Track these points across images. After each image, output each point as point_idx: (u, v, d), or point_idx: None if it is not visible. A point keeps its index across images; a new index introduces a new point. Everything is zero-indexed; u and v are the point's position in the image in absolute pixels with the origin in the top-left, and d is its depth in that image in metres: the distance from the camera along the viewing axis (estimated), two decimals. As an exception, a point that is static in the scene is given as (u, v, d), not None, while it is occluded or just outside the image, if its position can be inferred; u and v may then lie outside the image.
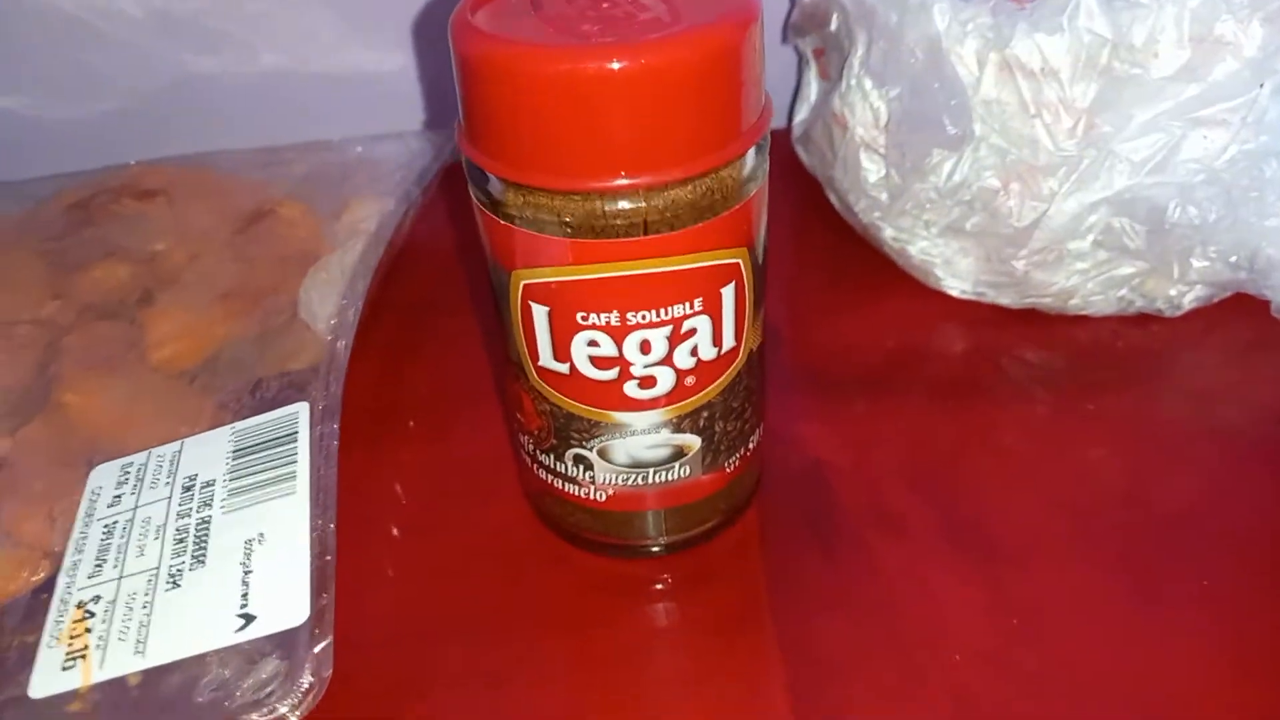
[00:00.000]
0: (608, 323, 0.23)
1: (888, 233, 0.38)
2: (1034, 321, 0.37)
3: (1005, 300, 0.37)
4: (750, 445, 0.28)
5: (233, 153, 0.46)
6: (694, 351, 0.25)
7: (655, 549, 0.29)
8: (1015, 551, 0.29)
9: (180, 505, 0.26)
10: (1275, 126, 0.32)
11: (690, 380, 0.25)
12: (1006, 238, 0.34)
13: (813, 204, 0.43)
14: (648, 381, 0.25)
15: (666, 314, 0.23)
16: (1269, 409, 0.33)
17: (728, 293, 0.24)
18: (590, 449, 0.26)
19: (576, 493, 0.27)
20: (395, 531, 0.31)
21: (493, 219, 0.23)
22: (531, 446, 0.28)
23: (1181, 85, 0.31)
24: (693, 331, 0.24)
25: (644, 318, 0.23)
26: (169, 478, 0.27)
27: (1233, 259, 0.33)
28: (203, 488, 0.26)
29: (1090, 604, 0.28)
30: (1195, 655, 0.26)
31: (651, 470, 0.26)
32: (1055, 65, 0.32)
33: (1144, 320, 0.37)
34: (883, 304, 0.39)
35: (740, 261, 0.24)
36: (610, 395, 0.25)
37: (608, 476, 0.27)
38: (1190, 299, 0.36)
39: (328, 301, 0.33)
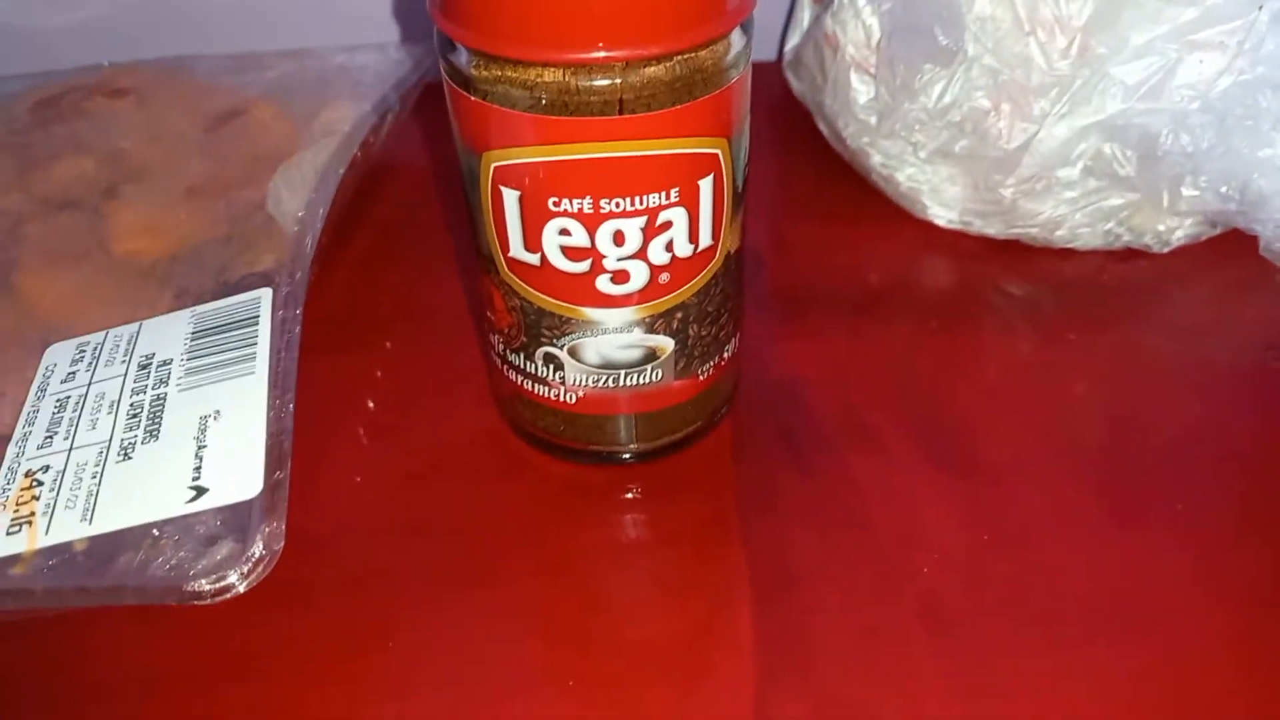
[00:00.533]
0: (580, 210, 0.23)
1: (876, 159, 0.37)
2: (1019, 253, 0.37)
3: (991, 230, 0.37)
4: (725, 354, 0.28)
5: (209, 57, 0.44)
6: (669, 247, 0.24)
7: (625, 456, 0.28)
8: (992, 470, 0.29)
9: (135, 382, 0.25)
10: (1273, 58, 0.31)
11: (664, 278, 0.24)
12: (995, 162, 0.34)
13: (802, 135, 0.42)
14: (620, 276, 0.24)
15: (641, 203, 0.23)
16: (1252, 346, 0.33)
17: (705, 185, 0.23)
18: (561, 347, 0.25)
19: (546, 394, 0.27)
20: (360, 432, 0.30)
21: (463, 95, 0.22)
22: (501, 346, 0.27)
23: (1179, 8, 0.31)
24: (668, 225, 0.23)
25: (618, 205, 0.23)
26: (125, 356, 0.26)
27: (1223, 189, 0.32)
28: (159, 366, 0.26)
29: (1064, 522, 0.27)
30: (1168, 574, 0.26)
31: (623, 372, 0.26)
32: (1053, -19, 0.31)
33: (1131, 255, 0.36)
34: (868, 233, 0.38)
35: (719, 153, 0.23)
36: (582, 290, 0.24)
37: (578, 377, 0.26)
38: (1179, 235, 0.35)
39: (297, 197, 0.32)
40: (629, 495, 0.28)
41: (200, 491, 0.22)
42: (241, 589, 0.21)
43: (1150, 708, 0.23)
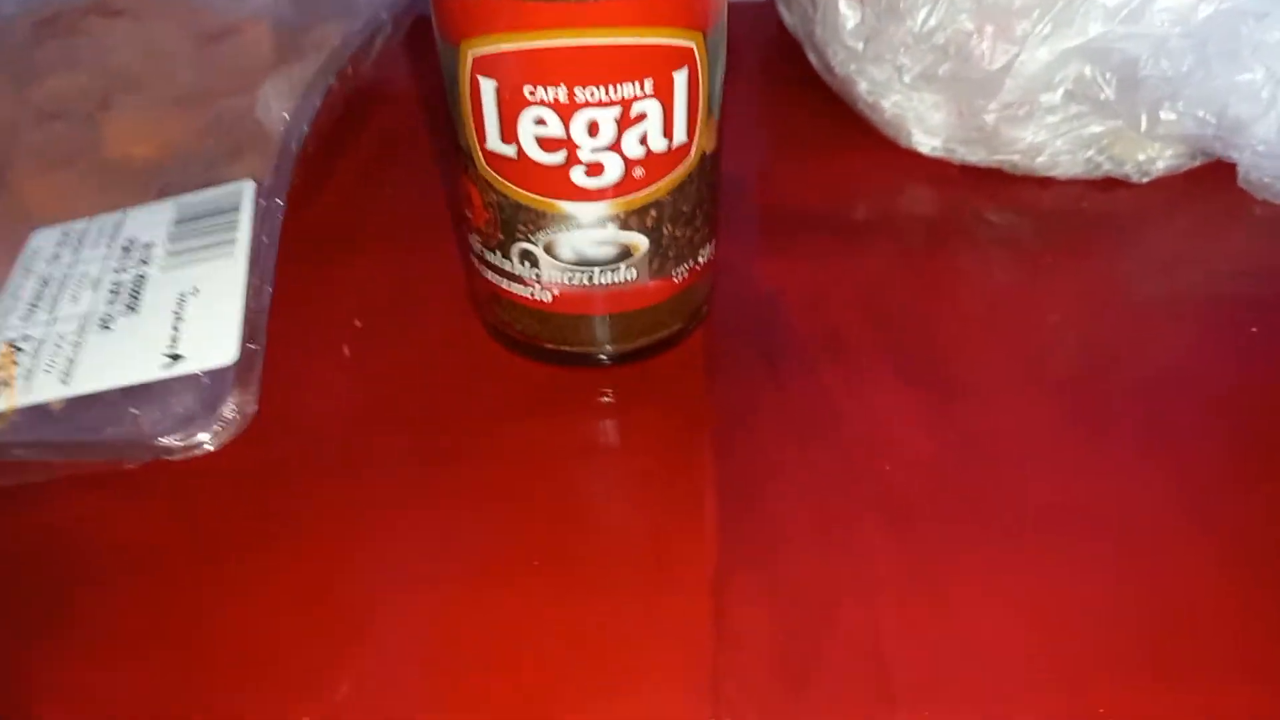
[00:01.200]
0: (555, 99, 0.23)
1: (862, 86, 0.38)
2: (1001, 181, 0.37)
3: (974, 158, 0.37)
4: (700, 259, 0.28)
5: (204, -20, 0.44)
6: (643, 140, 0.24)
7: (601, 356, 0.29)
8: (962, 385, 0.29)
9: (118, 262, 0.26)
10: (1256, -13, 0.31)
11: (639, 172, 0.25)
12: (978, 84, 0.34)
13: (793, 69, 0.43)
14: (595, 168, 0.24)
15: (615, 93, 0.23)
16: (1229, 277, 0.33)
17: (680, 78, 0.24)
18: (537, 243, 0.26)
19: (523, 293, 0.27)
20: (339, 332, 0.31)
21: None
22: (479, 246, 0.27)
23: (1164, -69, 0.31)
24: (642, 116, 0.24)
25: (592, 94, 0.23)
26: (109, 240, 0.27)
27: (1201, 114, 0.32)
28: (142, 248, 0.26)
29: (1030, 433, 0.28)
30: (1130, 485, 0.26)
31: (597, 269, 0.26)
32: (1038, -98, 0.31)
33: (1110, 185, 0.36)
34: (853, 160, 0.38)
35: (694, 46, 0.23)
36: (557, 182, 0.24)
37: (554, 274, 0.26)
38: (1159, 166, 0.36)
39: (284, 101, 0.32)
40: (604, 399, 0.29)
41: (176, 358, 0.23)
42: (211, 447, 0.21)
43: (1102, 601, 0.23)
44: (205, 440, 0.21)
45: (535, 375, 0.29)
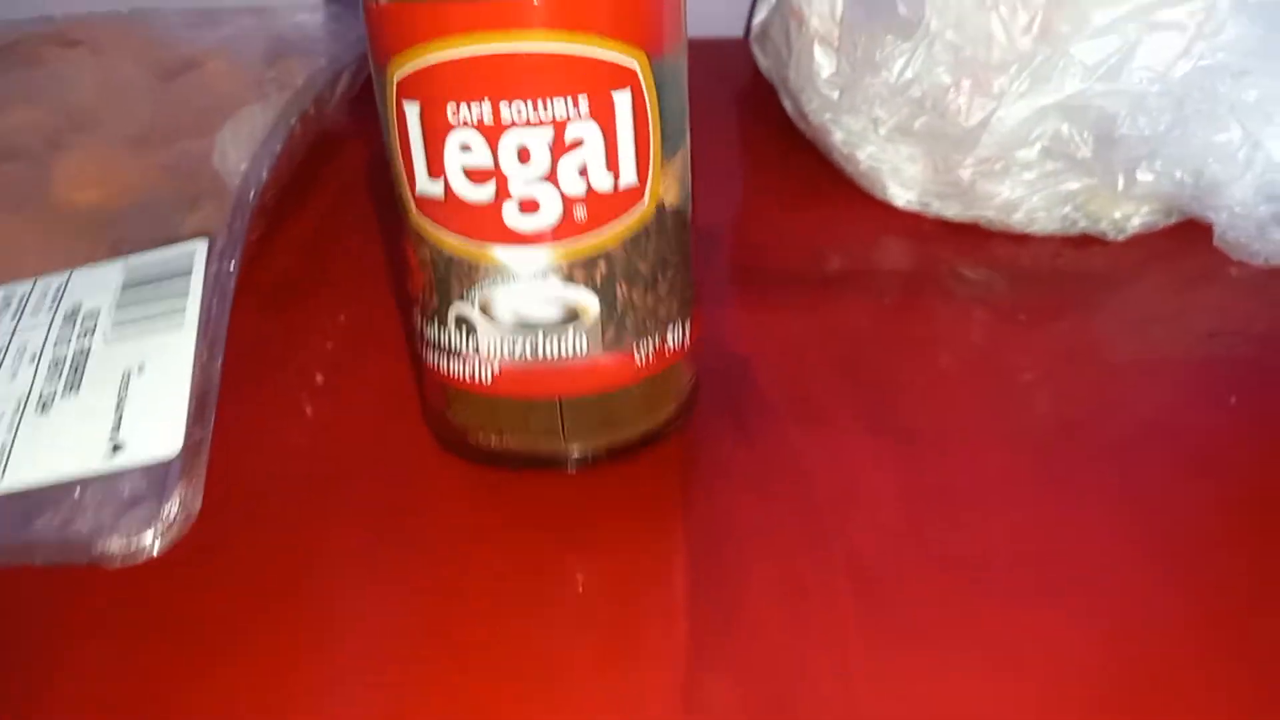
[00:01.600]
0: (480, 119, 0.21)
1: (837, 136, 0.37)
2: (976, 237, 0.36)
3: (950, 212, 0.36)
4: (669, 339, 0.25)
5: (165, 12, 0.44)
6: (583, 171, 0.22)
7: (561, 457, 0.26)
8: (933, 442, 0.28)
9: (60, 333, 0.25)
10: (1233, 45, 0.31)
11: (580, 213, 0.22)
12: (954, 140, 0.34)
13: (767, 112, 0.42)
14: (529, 204, 0.22)
15: (546, 109, 0.21)
16: (1202, 338, 0.33)
17: (622, 100, 0.22)
18: (472, 302, 0.24)
19: (462, 373, 0.25)
20: (290, 394, 0.30)
21: (367, 4, 0.22)
22: (419, 320, 0.25)
23: (1142, -11, 0.31)
24: (579, 143, 0.22)
25: (519, 113, 0.21)
26: (52, 305, 0.26)
27: (1178, 174, 0.32)
28: (86, 317, 0.25)
29: (1000, 492, 0.27)
30: (1099, 544, 0.25)
31: (541, 333, 0.24)
32: (1017, -42, 0.31)
33: (1086, 242, 0.36)
34: (828, 211, 0.38)
35: (637, 66, 0.22)
36: (488, 223, 0.22)
37: (493, 342, 0.24)
38: (1135, 223, 0.35)
39: (243, 151, 0.31)
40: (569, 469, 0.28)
41: (118, 448, 0.22)
42: (155, 552, 0.20)
43: (1076, 662, 0.23)
44: (147, 544, 0.20)
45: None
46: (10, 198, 0.32)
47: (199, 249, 0.26)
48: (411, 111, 0.22)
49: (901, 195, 0.37)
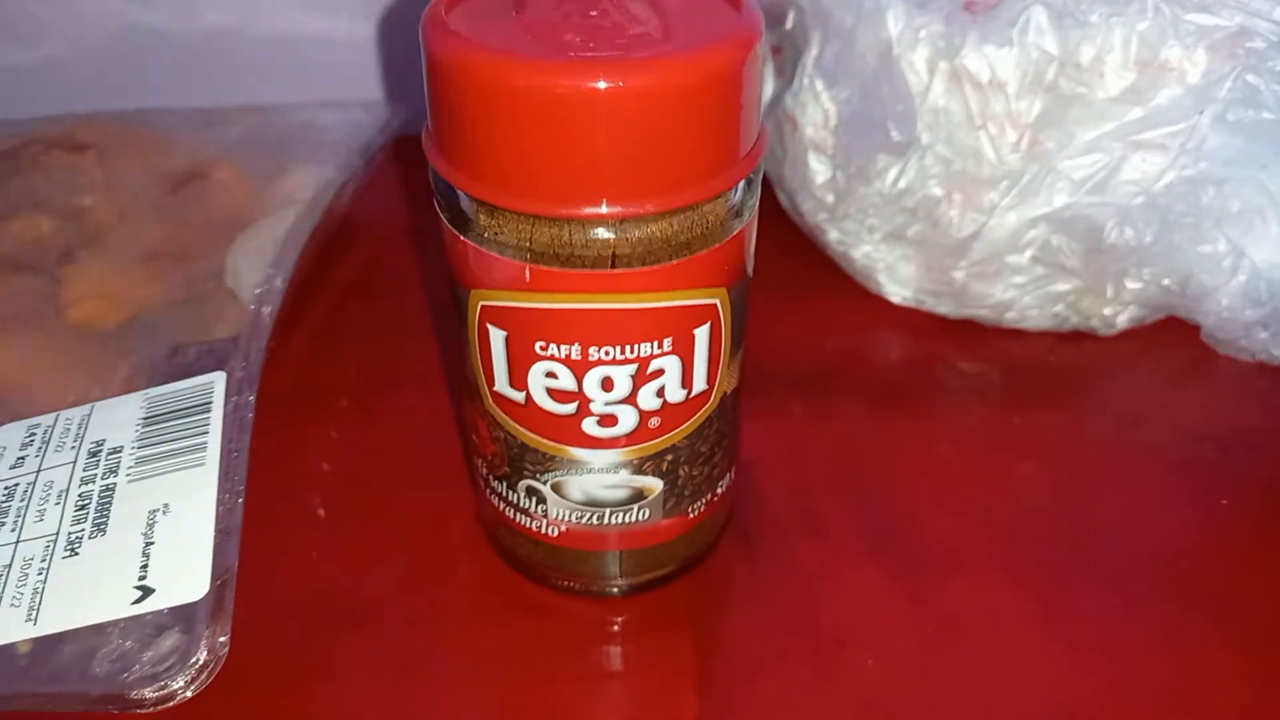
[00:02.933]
0: (568, 355, 0.22)
1: (832, 235, 0.38)
2: (971, 332, 0.37)
3: (944, 309, 0.37)
4: (718, 490, 0.27)
5: (170, 111, 0.44)
6: (660, 392, 0.23)
7: (607, 591, 0.28)
8: (936, 561, 0.29)
9: (85, 471, 0.25)
10: (1214, 155, 0.32)
11: (655, 422, 0.24)
12: (947, 247, 0.35)
13: (761, 203, 0.43)
14: (608, 420, 0.23)
15: (632, 352, 0.22)
16: (1195, 434, 0.34)
17: (701, 334, 0.23)
18: (544, 482, 0.25)
19: (528, 525, 0.26)
20: (315, 512, 0.30)
21: (454, 234, 0.22)
22: (485, 471, 0.26)
23: (1125, 107, 0.32)
24: (660, 372, 0.23)
25: (607, 354, 0.22)
26: (75, 441, 0.26)
27: (1166, 282, 0.33)
28: (109, 454, 0.25)
29: (1004, 621, 0.28)
30: (1099, 679, 0.26)
31: (608, 510, 0.25)
32: (1003, 78, 0.32)
33: (1078, 337, 0.37)
34: (823, 306, 0.39)
35: (718, 302, 0.22)
36: (568, 430, 0.23)
37: (561, 512, 0.25)
38: (1125, 319, 0.36)
39: (256, 269, 0.32)
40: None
41: (146, 592, 0.22)
42: (188, 695, 0.21)
43: None
44: (179, 688, 0.20)
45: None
46: (22, 315, 0.33)
47: (217, 381, 0.27)
48: (496, 335, 0.22)
49: (897, 293, 0.38)
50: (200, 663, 0.21)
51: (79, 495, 0.24)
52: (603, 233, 0.20)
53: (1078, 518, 0.31)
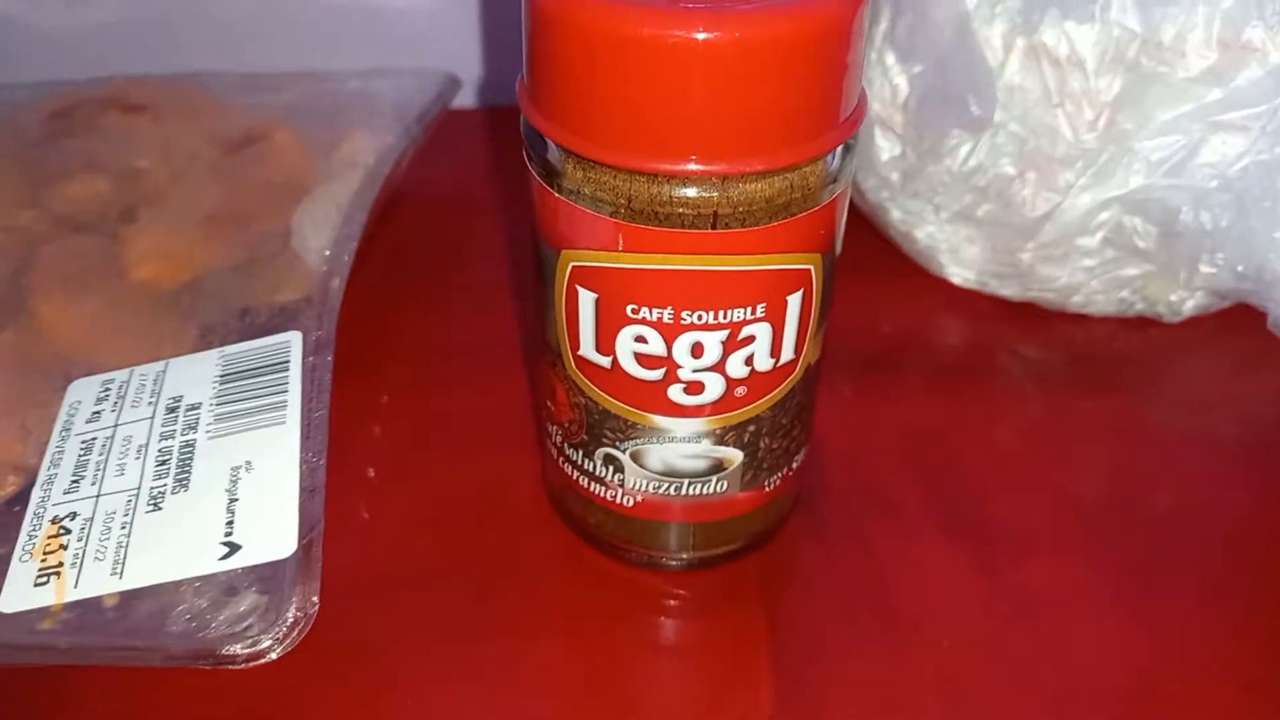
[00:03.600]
0: (659, 319, 0.22)
1: (895, 215, 0.38)
2: (1034, 316, 0.37)
3: (1007, 292, 0.37)
4: (794, 465, 0.27)
5: (223, 74, 0.44)
6: (749, 361, 0.23)
7: (674, 564, 0.27)
8: (1006, 541, 0.29)
9: (164, 426, 0.25)
10: (1292, 138, 0.32)
11: (741, 391, 0.23)
12: (1017, 228, 0.34)
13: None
14: (695, 387, 0.23)
15: (725, 317, 0.22)
16: (1259, 423, 0.34)
17: (794, 301, 0.22)
18: (623, 450, 0.24)
19: (602, 494, 0.26)
20: (384, 479, 0.30)
21: (546, 191, 0.22)
22: (559, 439, 0.26)
23: (1205, 88, 0.31)
24: (750, 339, 0.22)
25: (700, 318, 0.22)
26: (152, 397, 0.26)
27: (1240, 268, 0.33)
28: (188, 410, 0.25)
29: (1077, 600, 0.27)
30: (1174, 659, 0.26)
31: (686, 481, 0.25)
32: (1082, 55, 0.31)
33: (1143, 324, 0.37)
34: (884, 288, 0.38)
35: (812, 268, 0.22)
36: (653, 397, 0.23)
37: (638, 481, 0.25)
38: (1191, 306, 0.36)
39: (321, 233, 0.32)
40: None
41: (233, 549, 0.22)
42: (276, 654, 0.20)
43: None
44: (269, 646, 0.20)
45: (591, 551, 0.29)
46: (86, 274, 0.32)
47: (293, 340, 0.27)
48: (586, 297, 0.22)
49: (959, 274, 0.38)
50: (290, 620, 0.20)
51: (159, 450, 0.24)
52: (705, 191, 0.20)
53: (1144, 503, 0.30)
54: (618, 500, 0.26)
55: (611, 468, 0.25)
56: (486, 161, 0.45)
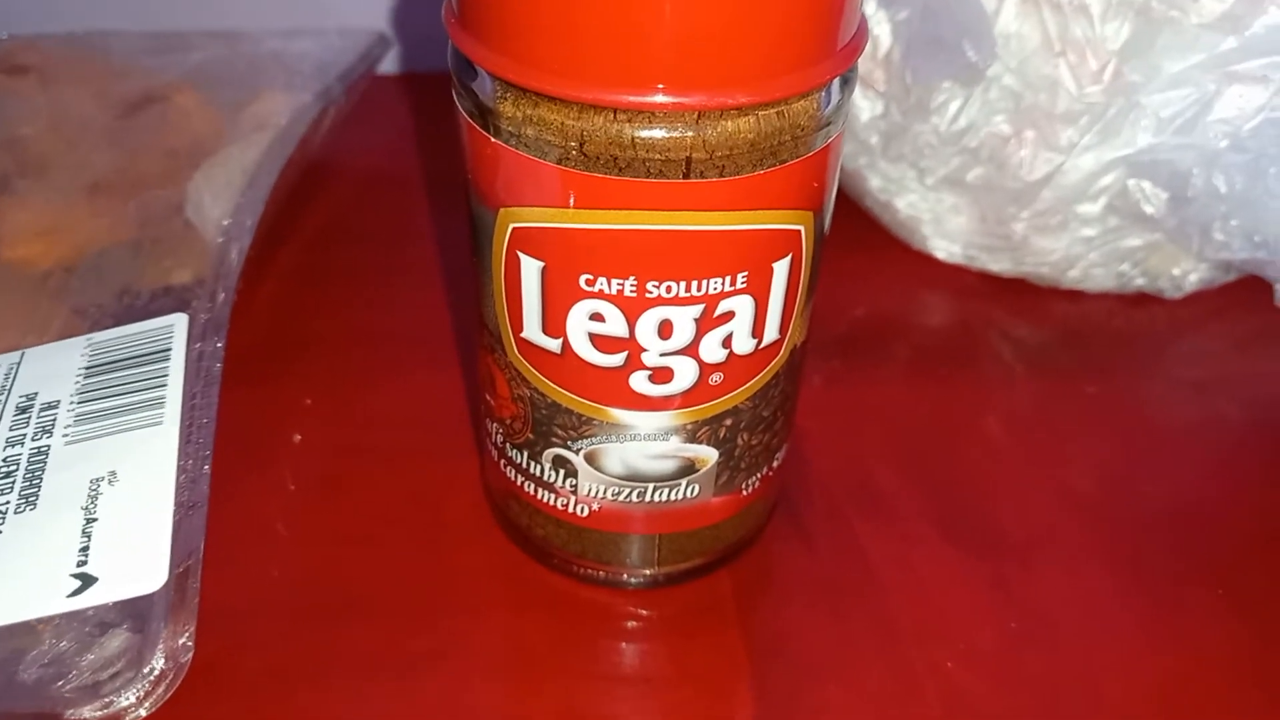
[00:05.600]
0: (619, 291, 0.18)
1: (874, 182, 0.34)
2: (1025, 293, 0.34)
3: (997, 267, 0.34)
4: (774, 464, 0.23)
5: (124, 34, 0.39)
6: (726, 342, 0.19)
7: (637, 581, 0.23)
8: (1012, 544, 0.26)
9: (11, 430, 0.20)
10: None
11: (716, 378, 0.19)
12: (1011, 193, 0.31)
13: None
14: (662, 375, 0.19)
15: (699, 289, 0.18)
16: (1264, 402, 0.31)
17: (780, 269, 0.18)
18: (576, 451, 0.20)
19: (553, 503, 0.22)
20: (290, 486, 0.26)
21: (479, 134, 0.17)
22: (500, 438, 0.22)
23: (1219, 35, 0.28)
24: (729, 316, 0.18)
25: (669, 290, 0.18)
26: (2, 394, 0.21)
27: (1256, 237, 0.30)
28: (42, 410, 0.21)
29: (1093, 608, 0.24)
30: (1202, 667, 0.23)
31: (651, 486, 0.21)
32: (1086, -1, 0.28)
33: (1142, 300, 0.34)
34: (859, 263, 0.35)
35: (802, 229, 0.18)
36: (611, 387, 0.19)
37: (594, 488, 0.21)
38: (1193, 280, 0.33)
39: (222, 201, 0.27)
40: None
41: (86, 582, 0.18)
42: (141, 714, 0.16)
43: None
44: (129, 705, 0.16)
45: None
46: (-53, 251, 0.28)
47: (177, 324, 0.22)
48: (530, 266, 0.18)
49: (944, 248, 0.34)
50: (157, 672, 0.16)
51: (4, 459, 0.20)
52: (676, 131, 0.16)
53: (1153, 498, 0.27)
54: (570, 509, 0.22)
55: (562, 471, 0.21)
56: (420, 132, 0.41)
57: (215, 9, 0.43)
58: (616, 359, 0.19)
